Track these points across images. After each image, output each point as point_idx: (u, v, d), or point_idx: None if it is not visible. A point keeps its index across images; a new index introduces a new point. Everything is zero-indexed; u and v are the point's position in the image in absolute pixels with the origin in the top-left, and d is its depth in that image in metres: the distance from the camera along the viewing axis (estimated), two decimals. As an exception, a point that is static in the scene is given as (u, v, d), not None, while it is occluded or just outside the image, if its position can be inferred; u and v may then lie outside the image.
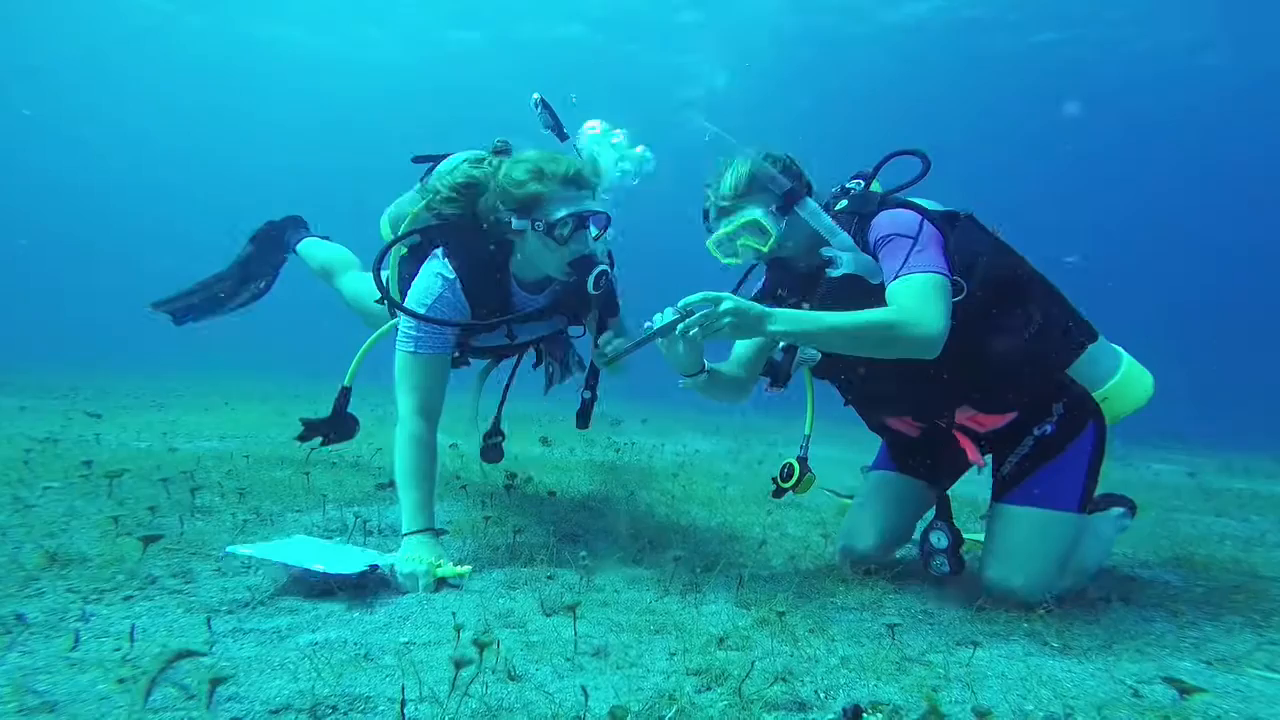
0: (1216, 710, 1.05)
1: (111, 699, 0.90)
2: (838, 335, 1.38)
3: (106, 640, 1.08)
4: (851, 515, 1.83)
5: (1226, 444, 10.05)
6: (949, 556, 1.61)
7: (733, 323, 1.33)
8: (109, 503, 1.87)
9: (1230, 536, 2.60)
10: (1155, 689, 1.10)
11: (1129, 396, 1.67)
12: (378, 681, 0.99)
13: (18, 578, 1.29)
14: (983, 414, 1.63)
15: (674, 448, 4.64)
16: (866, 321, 1.36)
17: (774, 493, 1.76)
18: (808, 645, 1.24)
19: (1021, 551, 1.52)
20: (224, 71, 20.04)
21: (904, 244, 1.43)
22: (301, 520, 1.86)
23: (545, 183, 1.57)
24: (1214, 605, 1.64)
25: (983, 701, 1.04)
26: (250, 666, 1.02)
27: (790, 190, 1.53)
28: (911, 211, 1.51)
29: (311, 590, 1.36)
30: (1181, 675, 1.15)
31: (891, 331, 1.35)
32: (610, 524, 2.09)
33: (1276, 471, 6.04)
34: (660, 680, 1.06)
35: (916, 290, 1.38)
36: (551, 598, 1.39)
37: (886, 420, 1.80)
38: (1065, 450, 1.57)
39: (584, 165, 1.64)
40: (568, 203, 1.57)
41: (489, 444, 2.18)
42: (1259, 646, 1.38)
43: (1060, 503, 1.53)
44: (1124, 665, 1.22)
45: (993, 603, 1.49)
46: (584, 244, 1.60)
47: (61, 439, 2.93)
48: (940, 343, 1.36)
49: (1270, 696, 1.13)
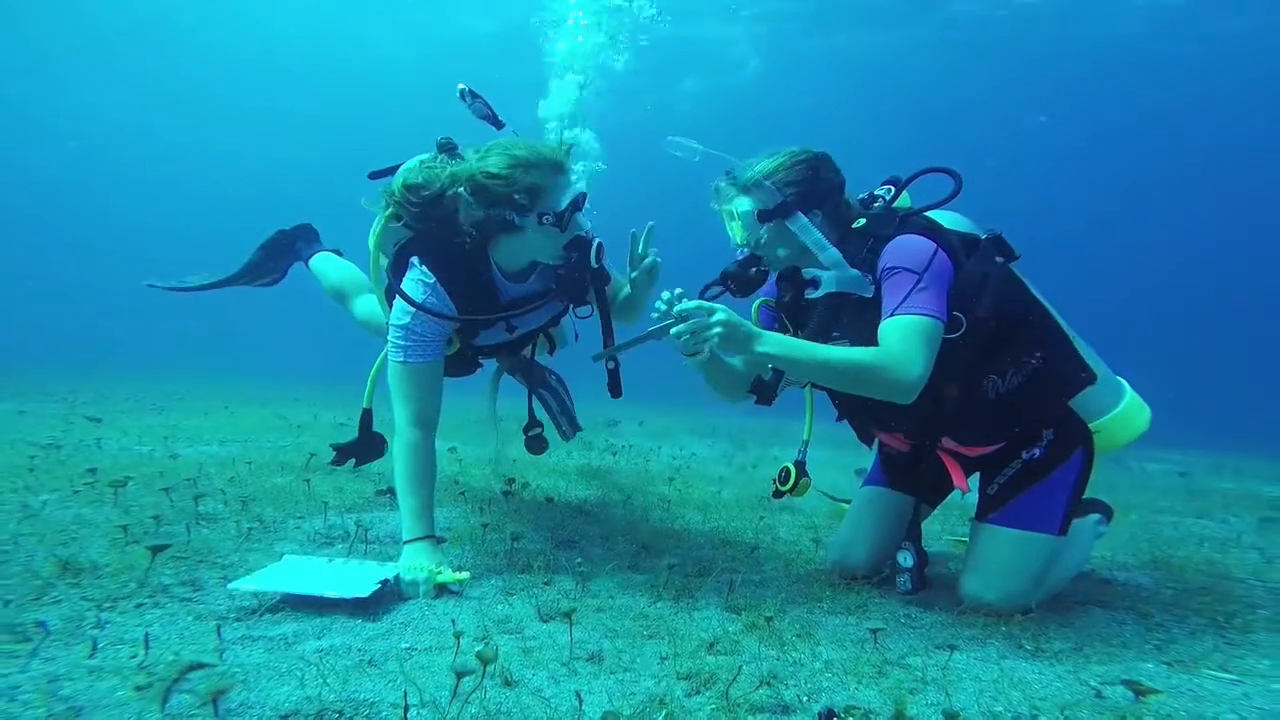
0: (1168, 709, 1.11)
1: (131, 705, 0.95)
2: (822, 370, 1.42)
3: (123, 647, 1.12)
4: (844, 529, 1.87)
5: (1221, 443, 10.16)
6: (912, 576, 1.64)
7: (722, 335, 1.36)
8: (115, 511, 1.92)
9: (1209, 538, 2.67)
10: (1116, 690, 1.16)
11: (1123, 431, 1.70)
12: (381, 687, 1.04)
13: (34, 586, 1.34)
14: (964, 446, 1.65)
15: (670, 450, 4.70)
16: (851, 361, 1.39)
17: (773, 494, 1.79)
18: (794, 649, 1.30)
19: (999, 569, 1.56)
20: (223, 63, 19.95)
21: (908, 280, 1.42)
22: (304, 527, 1.91)
23: (539, 173, 1.58)
24: (1182, 607, 1.70)
25: (956, 703, 1.10)
26: (260, 673, 1.07)
27: (779, 205, 1.53)
28: (926, 240, 1.48)
29: (320, 610, 1.37)
30: (1142, 677, 1.21)
31: (871, 374, 1.37)
32: (606, 530, 2.14)
33: (1266, 472, 6.13)
34: (652, 684, 1.11)
35: (904, 333, 1.39)
36: (548, 604, 1.45)
37: (877, 434, 1.83)
38: (1051, 474, 1.59)
39: (557, 147, 1.67)
40: (566, 189, 1.61)
41: (530, 436, 2.21)
42: (1218, 648, 1.44)
43: (1041, 525, 1.56)
44: (1092, 668, 1.28)
45: (970, 610, 1.55)
46: (579, 225, 1.65)
47: (63, 444, 2.97)
48: (917, 389, 1.38)
49: (1219, 696, 1.19)
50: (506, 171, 1.57)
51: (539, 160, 1.59)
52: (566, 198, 1.60)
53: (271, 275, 2.60)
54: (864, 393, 1.43)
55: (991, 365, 1.51)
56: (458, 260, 1.66)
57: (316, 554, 1.68)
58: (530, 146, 1.62)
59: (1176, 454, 7.68)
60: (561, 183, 1.61)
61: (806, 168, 1.57)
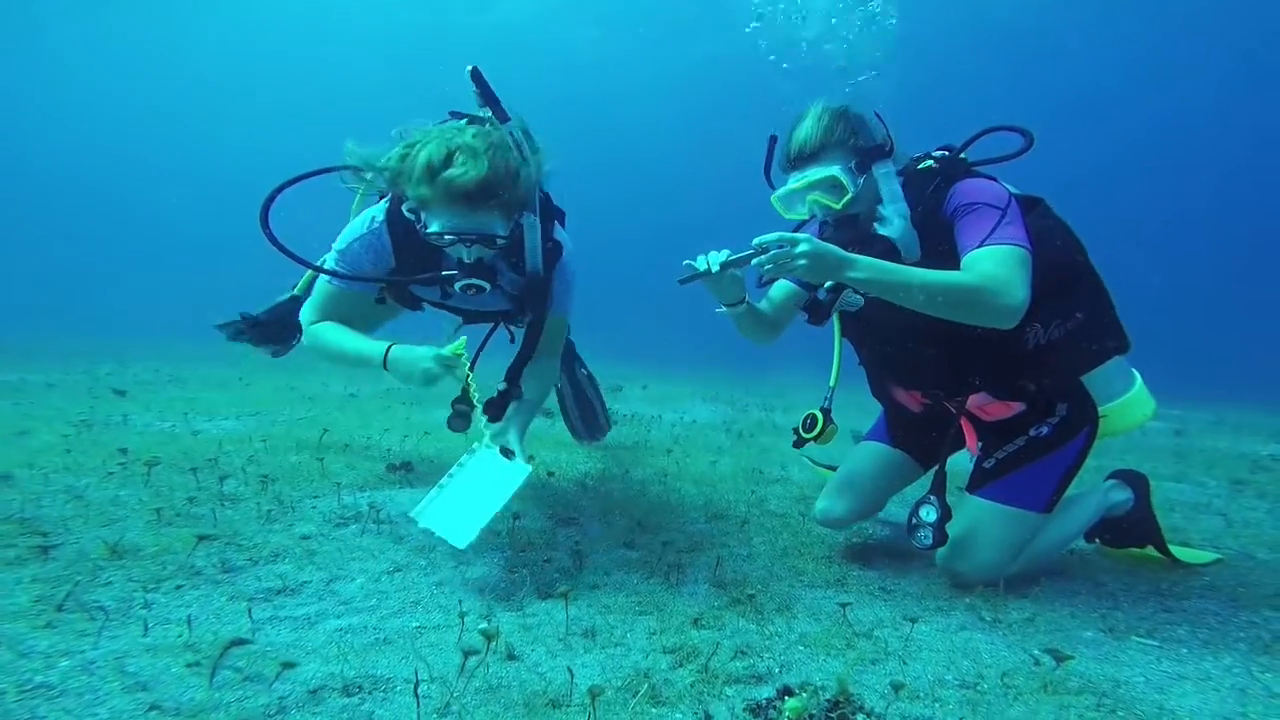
0: (1092, 674, 1.24)
1: (186, 679, 1.09)
2: (920, 290, 1.37)
3: (170, 627, 1.26)
4: (835, 479, 1.92)
5: (1224, 395, 10.17)
6: (935, 530, 1.60)
7: (807, 266, 1.34)
8: (148, 492, 2.06)
9: (1181, 504, 2.77)
10: (1048, 658, 1.28)
11: (1126, 418, 1.75)
12: (395, 664, 1.18)
13: (87, 568, 1.48)
14: (994, 402, 1.66)
15: (672, 417, 4.82)
16: (952, 282, 1.36)
17: (795, 443, 1.80)
18: (771, 623, 1.43)
19: (976, 542, 1.61)
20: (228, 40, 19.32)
21: (992, 214, 1.43)
22: (320, 507, 2.05)
23: (426, 188, 1.55)
24: (1133, 576, 1.82)
25: (912, 673, 1.23)
26: (289, 651, 1.21)
27: (876, 147, 1.50)
28: (999, 184, 1.51)
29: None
30: (1081, 644, 1.34)
31: (976, 296, 1.35)
32: (604, 505, 2.27)
33: (1265, 426, 6.20)
34: (639, 658, 1.24)
35: (1002, 259, 1.38)
36: (548, 582, 1.58)
37: (893, 390, 1.84)
38: (1051, 453, 1.62)
39: (484, 173, 1.53)
40: (451, 216, 1.59)
41: (455, 410, 1.84)
42: (1154, 613, 1.57)
43: (1028, 503, 1.60)
44: (1039, 636, 1.41)
45: (945, 577, 1.66)
46: (460, 256, 1.63)
47: (93, 422, 3.13)
48: (1020, 314, 1.36)
49: (1134, 661, 1.31)
50: (398, 165, 1.55)
51: (437, 173, 1.49)
52: (441, 224, 1.53)
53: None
54: (964, 318, 1.39)
55: (1038, 314, 1.51)
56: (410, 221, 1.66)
57: (336, 530, 1.82)
58: (454, 153, 1.50)
59: (1177, 410, 7.74)
60: (453, 209, 1.51)
61: (853, 117, 1.53)
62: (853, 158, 1.53)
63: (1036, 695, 1.15)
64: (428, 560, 1.68)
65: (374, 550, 1.72)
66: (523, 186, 1.60)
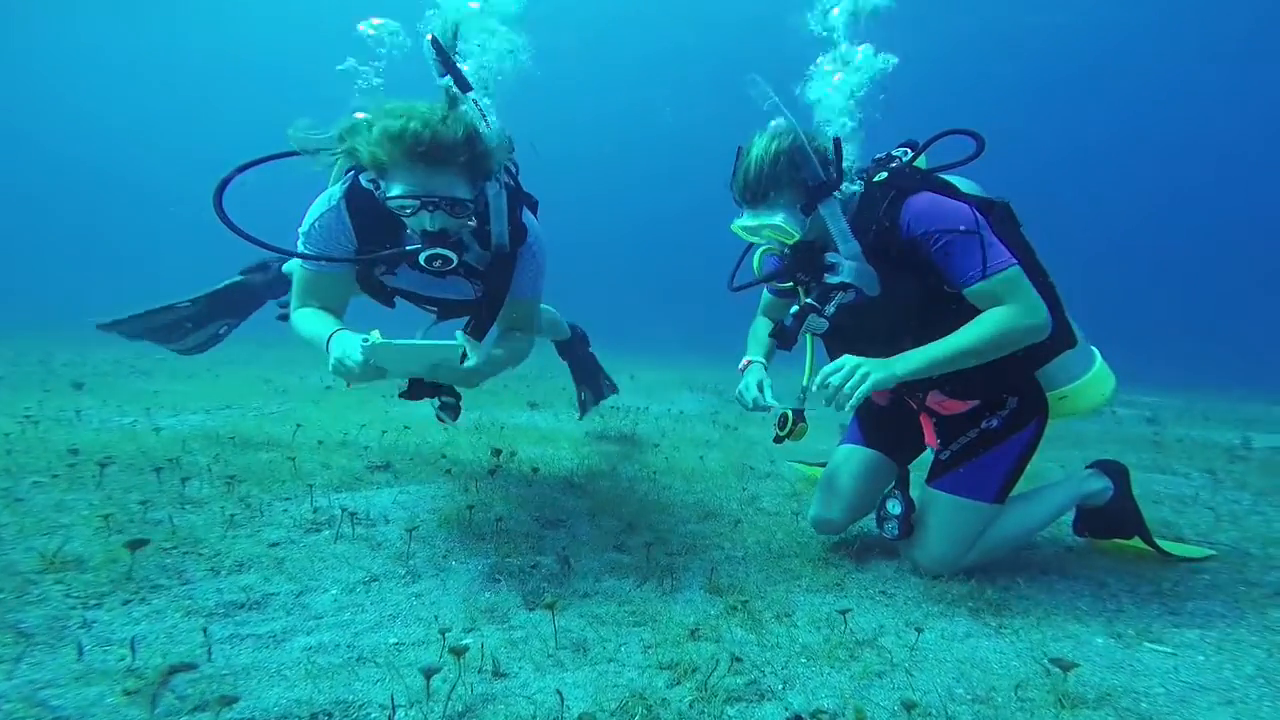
0: (1108, 685, 1.20)
1: (121, 711, 0.97)
2: (966, 356, 1.50)
3: (110, 649, 1.14)
4: (822, 487, 1.95)
5: (1194, 381, 10.43)
6: (900, 522, 1.73)
7: (868, 391, 1.47)
8: (98, 495, 1.91)
9: (1168, 497, 2.79)
10: (1059, 669, 1.23)
11: (1086, 398, 1.76)
12: (369, 687, 1.08)
13: (15, 583, 1.34)
14: (950, 399, 1.73)
15: (659, 409, 4.75)
16: (988, 336, 1.48)
17: (775, 439, 1.85)
18: (771, 633, 1.36)
19: (931, 533, 1.68)
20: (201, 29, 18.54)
21: (969, 241, 1.49)
22: (291, 511, 1.92)
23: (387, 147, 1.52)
24: (1134, 575, 1.79)
25: (921, 685, 1.17)
26: (249, 674, 1.09)
27: (820, 185, 1.53)
28: (955, 202, 1.54)
29: None
30: (1092, 652, 1.30)
31: (1011, 334, 1.49)
32: (592, 505, 2.18)
33: (1230, 416, 6.36)
34: (634, 675, 1.16)
35: (1009, 288, 1.49)
36: (534, 591, 1.49)
37: None
38: (1001, 444, 1.68)
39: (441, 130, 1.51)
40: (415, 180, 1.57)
41: (443, 401, 1.82)
42: (1161, 616, 1.54)
43: (976, 493, 1.67)
44: (1048, 644, 1.36)
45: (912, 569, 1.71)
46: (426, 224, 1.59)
47: (40, 419, 2.93)
48: (1050, 322, 1.51)
49: (1153, 670, 1.27)
50: (358, 130, 1.51)
51: (395, 134, 1.45)
52: (401, 188, 1.49)
53: (227, 321, 2.65)
54: (1009, 350, 1.52)
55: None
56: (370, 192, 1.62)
57: (308, 536, 1.70)
58: (411, 118, 1.46)
59: (1150, 397, 7.89)
60: (413, 170, 1.47)
61: (799, 153, 1.53)
62: (800, 198, 1.55)
63: (1053, 710, 1.09)
64: (406, 569, 1.57)
65: (349, 558, 1.61)
66: (483, 148, 1.56)
